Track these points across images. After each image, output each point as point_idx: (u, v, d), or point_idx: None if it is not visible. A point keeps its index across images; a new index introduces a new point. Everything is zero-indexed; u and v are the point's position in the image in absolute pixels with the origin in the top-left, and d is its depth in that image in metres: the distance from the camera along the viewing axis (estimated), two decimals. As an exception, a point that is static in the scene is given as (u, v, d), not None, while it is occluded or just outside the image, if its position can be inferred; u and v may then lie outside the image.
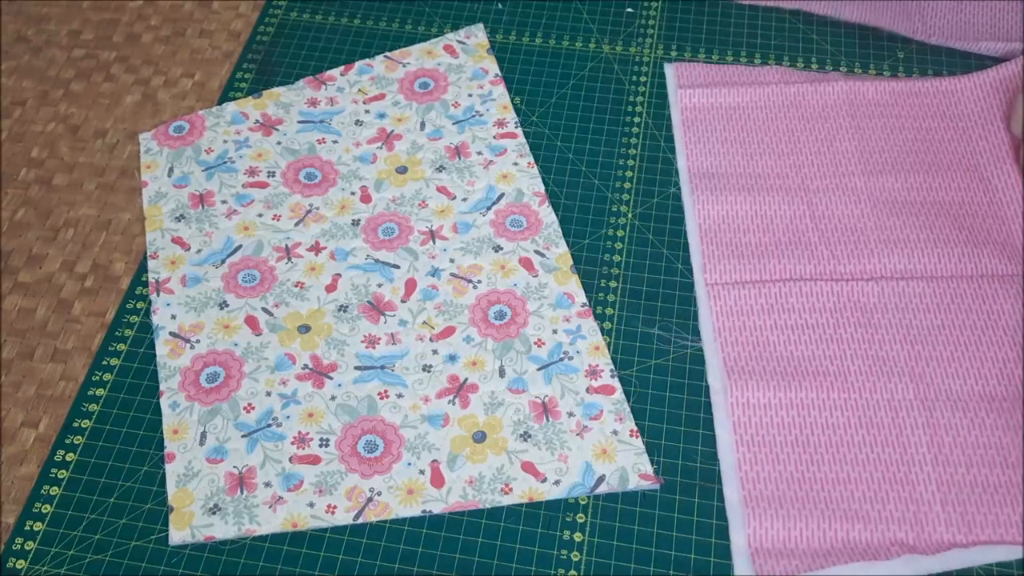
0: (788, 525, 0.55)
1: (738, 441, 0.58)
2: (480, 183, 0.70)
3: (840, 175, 0.70)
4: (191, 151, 0.73)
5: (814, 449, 0.58)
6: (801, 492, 0.56)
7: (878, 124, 0.72)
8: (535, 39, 0.80)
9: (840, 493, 0.56)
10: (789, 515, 0.55)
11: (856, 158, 0.71)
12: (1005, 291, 0.64)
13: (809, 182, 0.70)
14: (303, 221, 0.69)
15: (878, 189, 0.69)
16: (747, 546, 0.54)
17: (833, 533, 0.54)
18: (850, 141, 0.72)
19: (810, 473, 0.57)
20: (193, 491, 0.57)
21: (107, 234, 0.71)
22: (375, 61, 0.78)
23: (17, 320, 0.67)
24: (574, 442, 0.58)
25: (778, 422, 0.59)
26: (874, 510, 0.55)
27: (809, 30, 0.79)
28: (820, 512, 0.55)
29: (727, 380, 0.60)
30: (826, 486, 0.56)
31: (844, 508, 0.55)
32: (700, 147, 0.72)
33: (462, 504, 0.56)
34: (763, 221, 0.68)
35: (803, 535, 0.54)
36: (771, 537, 0.54)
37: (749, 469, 0.57)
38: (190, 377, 0.61)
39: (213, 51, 0.83)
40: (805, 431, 0.58)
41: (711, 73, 0.76)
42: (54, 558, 0.55)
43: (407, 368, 0.62)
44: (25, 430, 0.62)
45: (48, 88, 0.80)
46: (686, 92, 0.74)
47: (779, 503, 0.55)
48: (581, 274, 0.66)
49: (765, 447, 0.58)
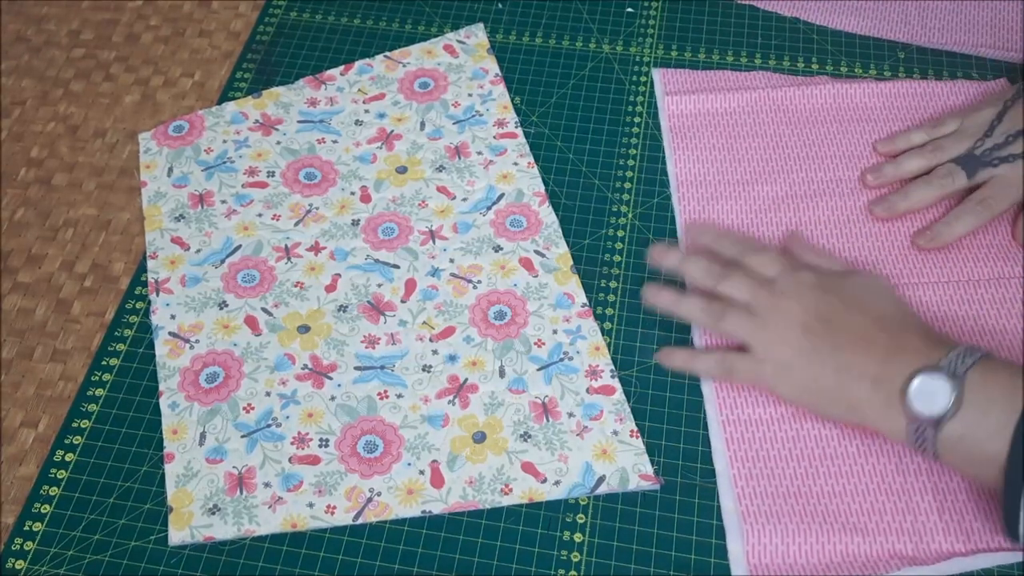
0: (787, 540, 0.54)
1: (732, 457, 0.58)
2: (480, 183, 0.70)
3: (828, 180, 0.69)
4: (191, 151, 0.73)
5: (808, 463, 0.57)
6: (798, 506, 0.55)
7: (865, 127, 0.72)
8: (535, 39, 0.80)
9: (837, 506, 0.55)
10: (787, 530, 0.54)
11: (844, 162, 0.70)
12: (995, 295, 0.63)
13: (796, 187, 0.69)
14: (303, 221, 0.69)
15: (864, 194, 0.68)
16: (745, 561, 0.54)
17: (832, 546, 0.54)
18: (837, 144, 0.71)
19: (806, 487, 0.56)
20: (192, 491, 0.57)
21: (107, 234, 0.71)
22: (375, 61, 0.78)
23: (16, 320, 0.67)
24: (574, 442, 0.58)
25: (771, 437, 0.58)
26: (872, 522, 0.55)
27: (809, 30, 0.79)
28: (819, 526, 0.54)
29: (716, 397, 0.60)
30: (823, 499, 0.56)
31: (842, 521, 0.55)
32: (688, 153, 0.71)
33: (462, 504, 0.56)
34: (751, 228, 0.67)
35: (801, 549, 0.54)
36: (769, 552, 0.54)
37: (745, 485, 0.56)
38: (189, 377, 0.61)
39: (213, 51, 0.82)
40: (799, 444, 0.58)
41: (697, 79, 0.76)
42: (53, 558, 0.55)
43: (407, 368, 0.61)
44: (24, 430, 0.62)
45: (48, 88, 0.80)
46: (672, 99, 0.74)
47: (776, 518, 0.55)
48: (581, 274, 0.66)
49: (760, 462, 0.57)
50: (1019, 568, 0.54)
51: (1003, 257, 0.65)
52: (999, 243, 0.66)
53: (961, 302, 0.63)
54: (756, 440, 0.58)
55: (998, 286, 0.64)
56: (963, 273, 0.64)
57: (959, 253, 0.65)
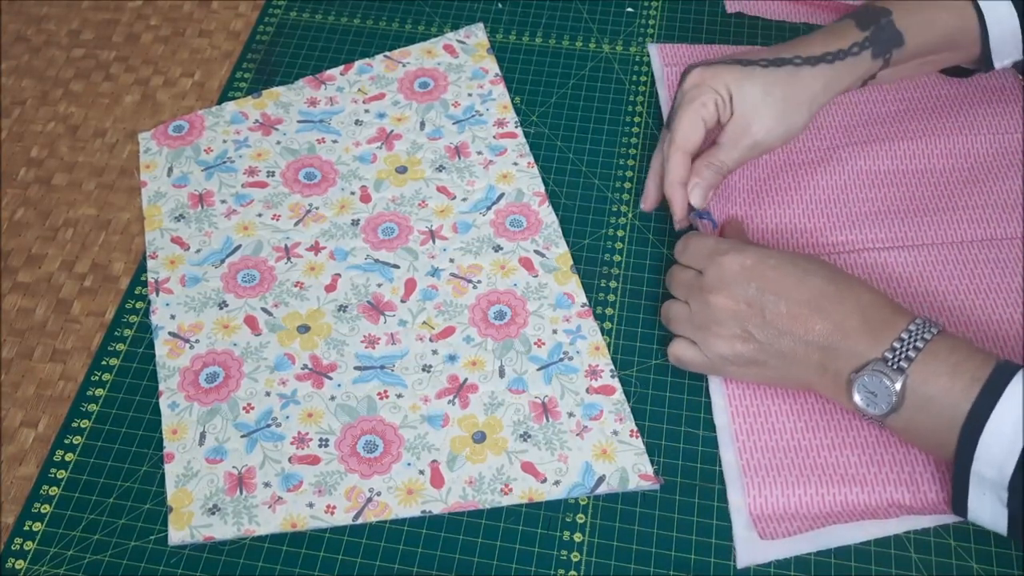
0: (787, 491, 0.56)
1: (733, 412, 0.59)
2: (480, 183, 0.70)
3: (825, 148, 0.71)
4: (190, 151, 0.73)
5: (808, 416, 0.58)
6: (798, 459, 0.57)
7: (862, 97, 0.74)
8: (535, 39, 0.80)
9: (836, 458, 0.57)
10: (787, 481, 0.56)
11: (841, 131, 0.72)
12: (988, 255, 0.64)
13: (794, 156, 0.71)
14: (303, 221, 0.69)
15: (862, 160, 0.70)
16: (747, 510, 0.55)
17: (832, 497, 0.55)
18: (834, 115, 0.73)
19: (806, 440, 0.57)
20: (192, 491, 0.57)
21: (106, 234, 0.71)
22: (375, 61, 0.78)
23: (16, 320, 0.67)
24: (574, 442, 0.58)
25: (772, 392, 0.59)
26: (870, 473, 0.56)
27: (809, 31, 0.79)
28: (818, 477, 0.56)
29: None
30: (822, 452, 0.57)
31: (841, 472, 0.56)
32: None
33: (462, 504, 0.56)
34: (749, 195, 0.68)
35: (802, 500, 0.55)
36: (771, 504, 0.55)
37: (746, 439, 0.58)
38: (189, 377, 0.61)
39: (213, 51, 0.82)
40: (799, 399, 0.59)
41: (695, 53, 0.77)
42: (53, 558, 0.55)
43: (407, 368, 0.61)
44: (24, 430, 0.62)
45: (48, 88, 0.80)
46: (672, 71, 0.75)
47: (776, 470, 0.56)
48: (581, 274, 0.66)
49: (760, 416, 0.59)
50: (1019, 567, 0.54)
51: (999, 219, 0.66)
52: (994, 203, 0.67)
53: (948, 263, 0.64)
54: (757, 395, 0.59)
55: (991, 247, 0.65)
56: (949, 235, 0.65)
57: (954, 214, 0.66)
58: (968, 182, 0.68)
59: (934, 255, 0.65)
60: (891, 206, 0.67)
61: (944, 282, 0.63)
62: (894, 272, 0.64)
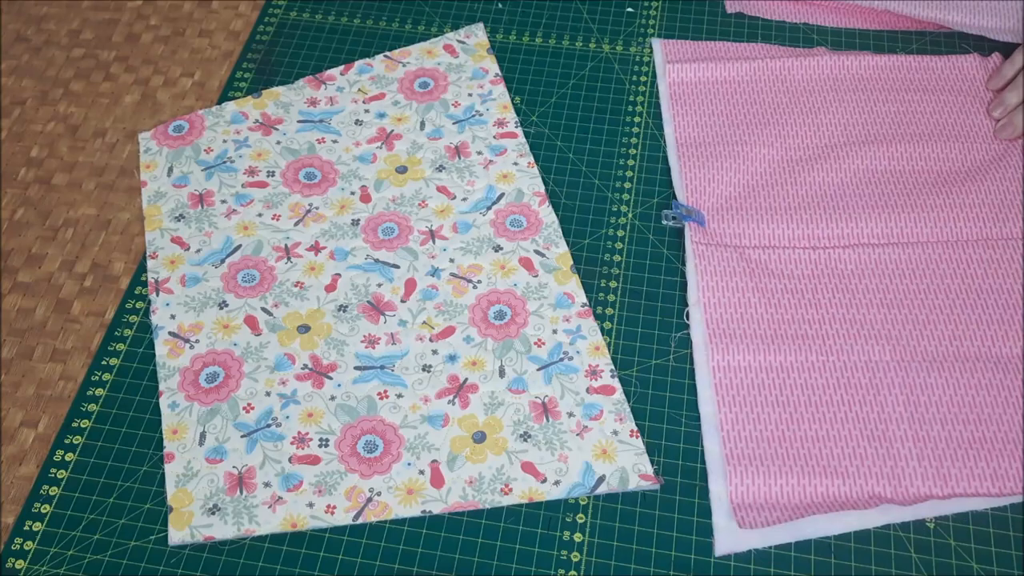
0: (769, 481, 0.56)
1: (720, 402, 0.59)
2: (480, 183, 0.70)
3: (823, 146, 0.71)
4: (190, 151, 0.73)
5: (794, 408, 0.59)
6: (781, 450, 0.57)
7: (860, 97, 0.74)
8: (535, 39, 0.80)
9: (819, 450, 0.57)
10: (770, 472, 0.56)
11: (839, 130, 0.72)
12: (979, 256, 0.65)
13: (793, 152, 0.71)
14: (303, 221, 0.69)
15: (859, 159, 0.70)
16: (728, 499, 0.55)
17: (813, 488, 0.56)
18: (833, 114, 0.73)
19: (790, 432, 0.58)
20: (192, 491, 0.57)
21: (106, 234, 0.71)
22: (375, 61, 0.78)
23: (16, 320, 0.67)
24: (574, 442, 0.58)
25: (759, 383, 0.60)
26: (852, 466, 0.56)
27: (810, 30, 0.79)
28: (800, 468, 0.56)
29: (709, 343, 0.61)
30: (806, 444, 0.57)
31: (823, 464, 0.56)
32: (687, 119, 0.73)
33: (462, 504, 0.56)
34: (747, 189, 0.69)
35: (783, 491, 0.56)
36: (752, 493, 0.56)
37: (731, 429, 0.58)
38: (189, 377, 0.61)
39: (212, 51, 0.82)
40: (785, 392, 0.59)
41: (698, 49, 0.78)
42: (53, 558, 0.55)
43: (407, 368, 0.61)
44: (24, 430, 0.62)
45: (48, 88, 0.80)
46: (674, 66, 0.76)
47: (760, 460, 0.57)
48: (581, 274, 0.66)
49: (746, 407, 0.59)
50: (1019, 567, 0.54)
51: (997, 218, 0.66)
52: (991, 203, 0.67)
53: (939, 262, 0.64)
54: (744, 386, 0.60)
55: (986, 247, 0.65)
56: (941, 234, 0.66)
57: (951, 212, 0.67)
58: (967, 182, 0.68)
59: (931, 253, 0.65)
60: (884, 203, 0.68)
61: (936, 280, 0.64)
62: (887, 268, 0.64)
